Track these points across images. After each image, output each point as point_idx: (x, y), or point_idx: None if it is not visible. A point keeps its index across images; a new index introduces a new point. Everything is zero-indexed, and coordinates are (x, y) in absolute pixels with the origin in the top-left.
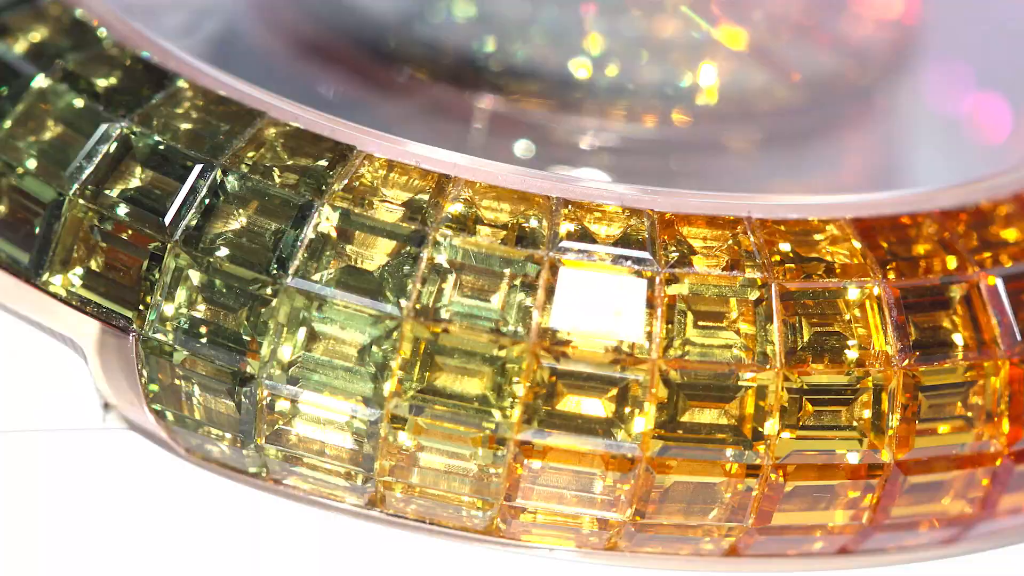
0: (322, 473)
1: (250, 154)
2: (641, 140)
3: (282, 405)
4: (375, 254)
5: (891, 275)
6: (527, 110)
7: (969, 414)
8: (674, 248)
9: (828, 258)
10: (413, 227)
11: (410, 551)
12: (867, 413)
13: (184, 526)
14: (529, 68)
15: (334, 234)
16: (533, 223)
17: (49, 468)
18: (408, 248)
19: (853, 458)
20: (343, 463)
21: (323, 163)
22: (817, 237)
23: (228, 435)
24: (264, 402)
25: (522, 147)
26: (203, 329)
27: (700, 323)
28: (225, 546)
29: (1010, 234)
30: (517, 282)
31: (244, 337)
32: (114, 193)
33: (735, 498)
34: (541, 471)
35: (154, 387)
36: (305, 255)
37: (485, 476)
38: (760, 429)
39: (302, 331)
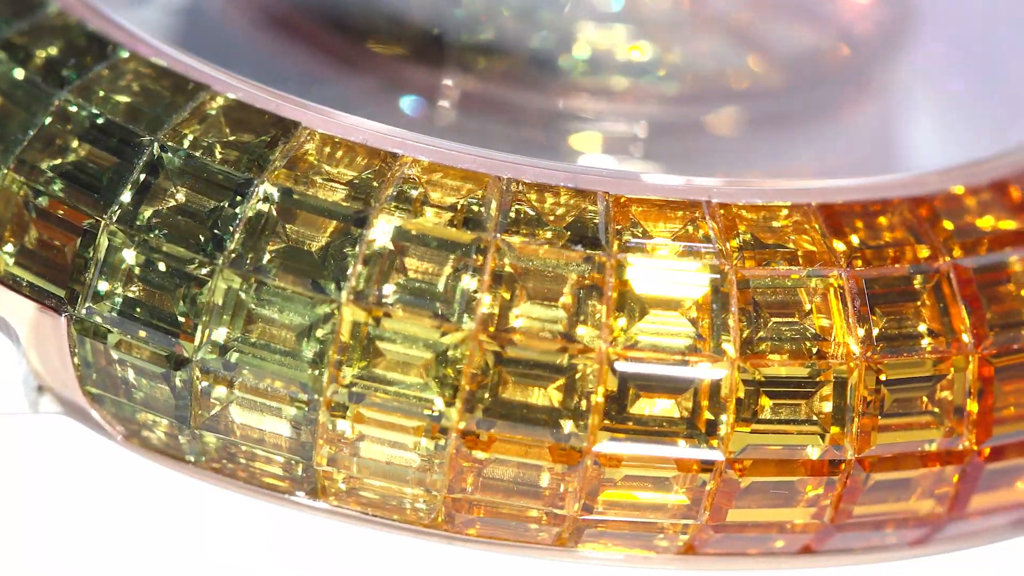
0: (261, 462)
1: (191, 129)
2: (621, 121)
3: (218, 391)
4: (316, 235)
5: (857, 264)
6: (497, 88)
7: (936, 409)
8: (628, 233)
9: (790, 245)
10: (356, 207)
11: (354, 544)
12: (828, 407)
13: (121, 515)
14: (500, 44)
15: (274, 213)
16: (482, 205)
17: None
18: (350, 229)
19: (813, 453)
20: (282, 452)
21: (265, 139)
22: (780, 224)
23: (165, 421)
24: (199, 387)
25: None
26: (137, 310)
27: (652, 311)
28: (164, 536)
29: (985, 222)
30: (463, 266)
31: (179, 319)
32: (49, 168)
33: (689, 494)
34: (486, 463)
35: (89, 370)
36: (243, 235)
37: (428, 467)
38: (714, 422)
39: (239, 314)
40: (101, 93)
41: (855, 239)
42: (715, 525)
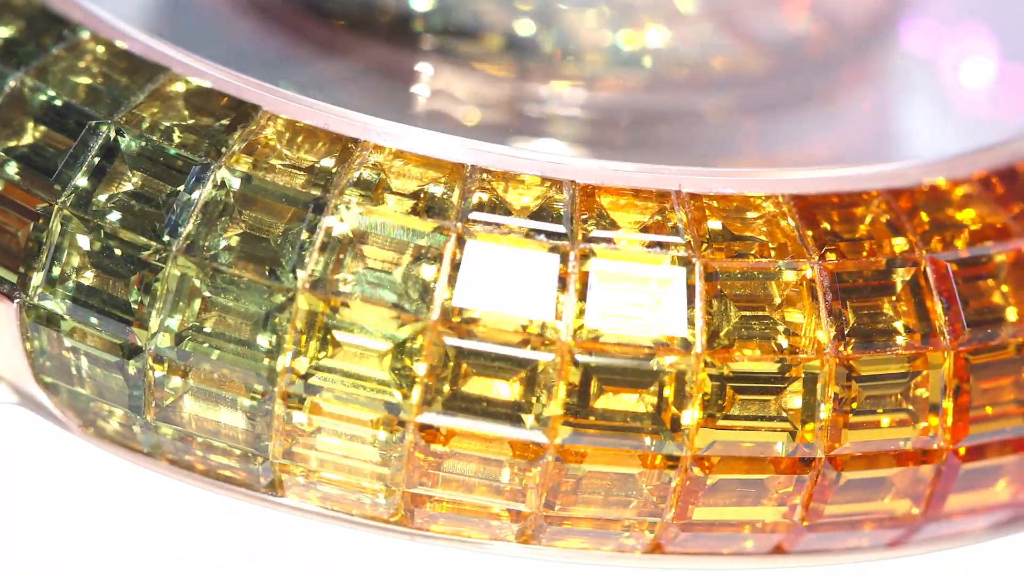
0: (218, 455)
1: (149, 112)
2: (602, 107)
3: (173, 380)
4: (273, 221)
5: (830, 256)
6: (473, 74)
7: (911, 407)
8: (593, 222)
9: (761, 237)
10: (315, 193)
11: (314, 540)
12: (797, 403)
13: (78, 508)
14: (477, 28)
15: (231, 199)
16: (444, 192)
17: None
18: (308, 216)
19: (782, 451)
20: (238, 444)
21: (224, 123)
22: (751, 214)
23: (119, 411)
24: (153, 376)
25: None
26: (91, 297)
27: (617, 303)
28: (120, 529)
29: (966, 216)
30: (422, 255)
31: (132, 306)
32: (3, 150)
33: (654, 491)
34: (445, 457)
35: (42, 359)
36: (199, 221)
37: (386, 461)
38: (680, 418)
39: (193, 302)
40: (59, 74)
41: (829, 231)
42: (682, 523)
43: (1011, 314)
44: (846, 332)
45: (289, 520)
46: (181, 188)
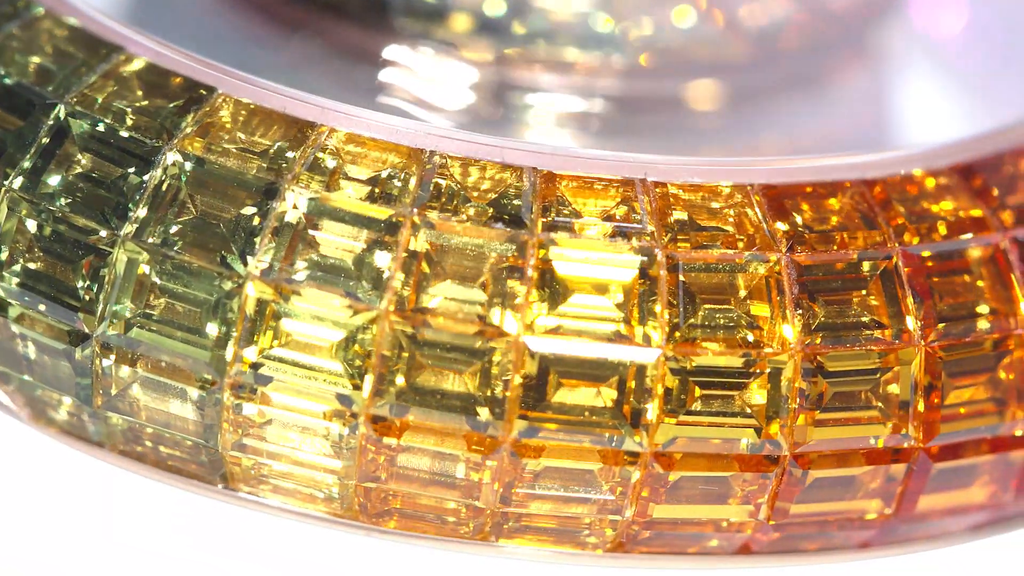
0: (168, 446)
1: (102, 93)
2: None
3: (121, 369)
4: (225, 206)
5: (799, 248)
6: (445, 57)
7: (881, 404)
8: (554, 211)
9: (728, 228)
10: (268, 178)
11: (268, 533)
12: (762, 399)
13: (28, 498)
14: (450, 10)
15: (182, 183)
16: (401, 179)
17: None
18: (261, 201)
19: (746, 447)
20: (188, 435)
21: (178, 105)
22: (718, 204)
23: (68, 400)
24: (101, 365)
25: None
26: (38, 283)
27: (577, 294)
28: (71, 521)
29: (942, 208)
30: (376, 243)
31: (80, 293)
32: None
33: (614, 488)
34: (398, 450)
35: None
36: (148, 205)
37: (338, 454)
38: (640, 412)
39: (142, 288)
40: (11, 53)
41: (799, 222)
42: (644, 521)
43: (987, 310)
44: (814, 326)
45: (241, 513)
46: (131, 171)
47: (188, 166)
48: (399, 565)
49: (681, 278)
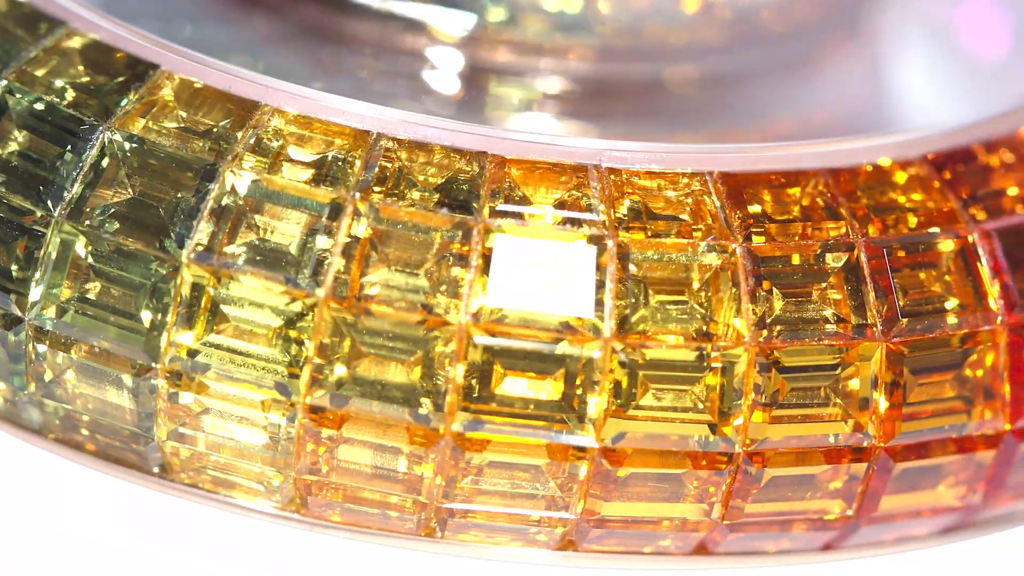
0: (105, 435)
1: (41, 69)
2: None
3: (55, 354)
4: (164, 187)
5: (756, 239)
6: (411, 39)
7: (840, 401)
8: (503, 197)
9: (683, 216)
10: (208, 158)
11: (204, 525)
12: (715, 394)
13: None
14: None
15: (120, 163)
16: (345, 161)
17: None
18: (199, 183)
19: (698, 444)
20: (125, 423)
21: (119, 82)
22: (675, 192)
23: (2, 385)
24: (34, 349)
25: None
26: None
27: (523, 282)
28: (8, 508)
29: (909, 200)
30: (317, 227)
31: (13, 274)
32: None
33: (561, 483)
34: (337, 442)
35: None
36: (85, 185)
37: (276, 445)
38: (587, 406)
39: (76, 271)
40: None
41: (758, 212)
42: (592, 519)
43: (954, 305)
44: (770, 320)
45: (182, 504)
46: (68, 150)
47: (127, 145)
48: (343, 560)
49: (632, 268)
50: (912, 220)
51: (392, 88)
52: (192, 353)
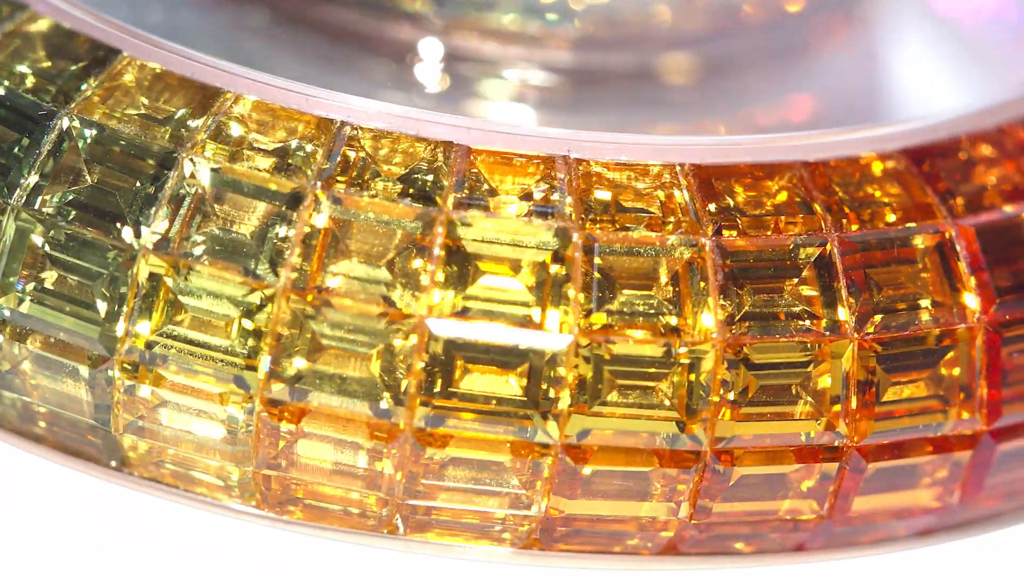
0: (63, 427)
1: (3, 53)
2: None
3: (11, 345)
4: (123, 175)
5: (727, 232)
6: (393, 26)
7: (811, 399)
8: (467, 187)
9: (652, 209)
10: (168, 146)
11: (164, 520)
12: (682, 391)
13: None
14: None
15: (79, 150)
16: (307, 150)
17: None
18: (158, 171)
19: (665, 442)
20: (82, 416)
21: (80, 67)
22: (644, 185)
23: None
24: None
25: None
26: None
27: (487, 275)
28: None
29: (887, 194)
30: (277, 217)
31: None
32: None
33: (524, 480)
34: (296, 436)
35: None
36: (42, 173)
37: (235, 439)
38: (551, 402)
39: (33, 261)
40: None
41: (730, 205)
42: (560, 518)
43: (930, 302)
44: (739, 315)
45: (141, 498)
46: (25, 137)
47: (85, 132)
48: (305, 556)
49: (598, 261)
50: (888, 215)
51: (366, 76)
52: (149, 344)
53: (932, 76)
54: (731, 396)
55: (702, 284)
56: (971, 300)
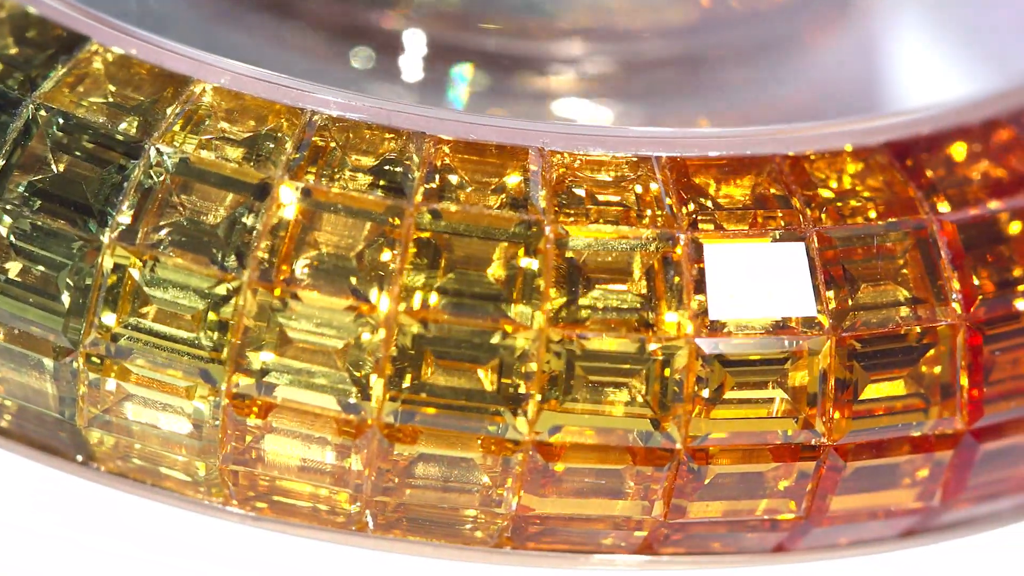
0: (29, 421)
1: None
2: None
3: None
4: (89, 164)
5: (703, 227)
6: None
7: (787, 396)
8: (438, 179)
9: (627, 203)
10: (135, 135)
11: (132, 514)
12: (655, 388)
13: None
14: None
15: (45, 138)
16: (276, 140)
17: None
18: (124, 160)
19: (637, 439)
20: (48, 409)
21: (48, 54)
22: (618, 177)
23: None
24: None
25: (361, 57)
26: None
27: (456, 268)
28: None
29: (868, 188)
30: (245, 208)
31: None
32: None
33: (494, 477)
34: (263, 431)
35: None
36: (7, 161)
37: (201, 432)
38: (520, 398)
39: None
40: None
41: (706, 199)
42: (533, 516)
43: (910, 299)
44: (715, 311)
45: (108, 493)
46: None
47: (52, 120)
48: (273, 553)
49: (569, 255)
50: (869, 209)
51: (344, 66)
52: (114, 337)
53: (931, 66)
54: (706, 393)
55: (677, 279)
56: (953, 297)
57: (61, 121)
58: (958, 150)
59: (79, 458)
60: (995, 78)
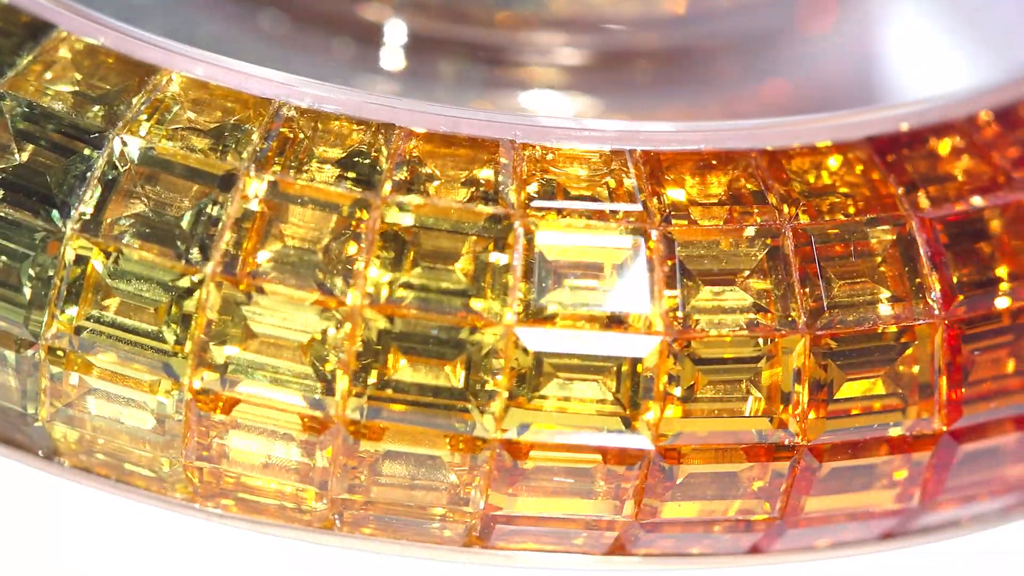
0: None
1: None
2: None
3: None
4: (53, 154)
5: (676, 222)
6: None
7: (761, 395)
8: (407, 171)
9: (599, 197)
10: (99, 125)
11: (96, 512)
12: (625, 387)
13: None
14: None
15: (8, 128)
16: (242, 131)
17: None
18: (87, 151)
19: (607, 439)
20: (11, 403)
21: (13, 42)
22: (591, 172)
23: None
24: None
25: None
26: None
27: (424, 262)
28: None
29: (846, 184)
30: (209, 200)
31: None
32: None
33: (462, 475)
34: (228, 427)
35: None
36: None
37: (164, 428)
38: (487, 395)
39: None
40: None
41: (681, 193)
42: (498, 515)
43: (888, 297)
44: (687, 308)
45: (72, 489)
46: None
47: (16, 109)
48: (239, 551)
49: (539, 250)
50: (848, 206)
51: (321, 56)
52: (77, 329)
53: (929, 56)
54: (677, 392)
55: (649, 275)
56: (932, 296)
57: (25, 109)
58: (941, 146)
59: (40, 453)
60: (993, 70)
